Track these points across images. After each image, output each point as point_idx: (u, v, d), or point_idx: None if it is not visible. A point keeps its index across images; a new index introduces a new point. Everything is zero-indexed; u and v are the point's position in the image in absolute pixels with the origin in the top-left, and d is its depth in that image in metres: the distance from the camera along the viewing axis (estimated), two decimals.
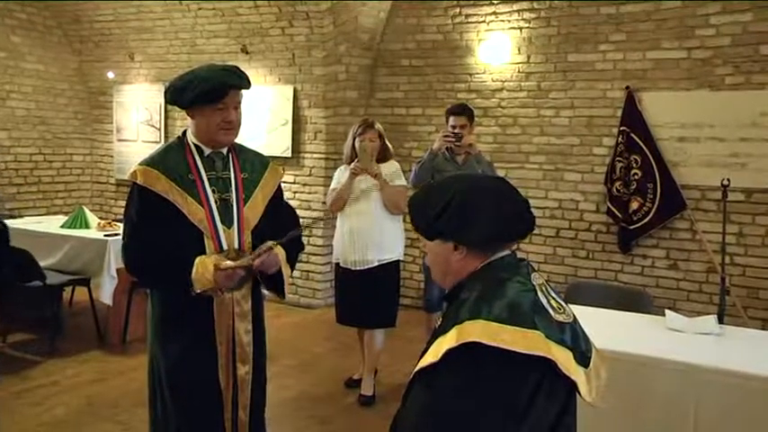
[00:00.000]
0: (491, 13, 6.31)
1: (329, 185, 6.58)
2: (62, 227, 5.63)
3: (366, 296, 4.31)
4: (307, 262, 6.74)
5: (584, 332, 1.57)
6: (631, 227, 5.68)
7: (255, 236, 2.46)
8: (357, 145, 4.30)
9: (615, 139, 5.73)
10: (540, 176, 6.24)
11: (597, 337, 2.85)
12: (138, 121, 7.71)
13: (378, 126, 4.40)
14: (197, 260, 2.31)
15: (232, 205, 2.41)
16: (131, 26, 7.53)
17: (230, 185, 2.44)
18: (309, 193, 6.77)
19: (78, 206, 6.19)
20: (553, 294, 1.57)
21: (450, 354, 1.42)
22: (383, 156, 4.38)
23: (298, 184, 6.83)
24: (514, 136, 6.34)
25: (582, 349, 1.51)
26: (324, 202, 6.61)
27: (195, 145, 2.43)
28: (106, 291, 5.08)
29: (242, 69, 2.44)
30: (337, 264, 4.50)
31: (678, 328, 3.13)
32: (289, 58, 6.68)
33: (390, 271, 4.41)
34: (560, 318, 1.50)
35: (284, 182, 6.73)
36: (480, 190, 1.61)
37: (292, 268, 2.61)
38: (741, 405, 2.55)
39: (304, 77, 6.66)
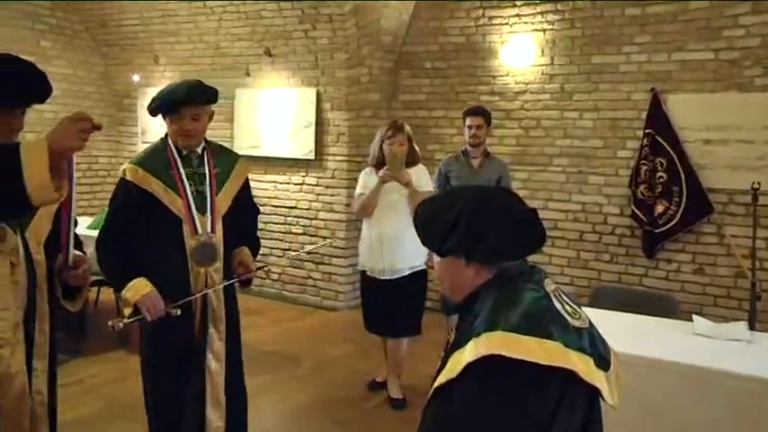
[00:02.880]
0: (514, 15, 6.28)
1: (352, 188, 6.65)
2: (88, 228, 5.68)
3: (393, 305, 4.20)
4: (329, 264, 6.75)
5: (600, 336, 1.54)
6: (656, 231, 5.61)
7: (226, 222, 2.87)
8: (385, 148, 4.19)
9: (640, 142, 5.67)
10: (564, 179, 6.19)
11: (624, 341, 2.82)
12: (162, 123, 7.75)
13: (407, 129, 4.29)
14: (139, 281, 2.70)
15: (206, 196, 2.83)
16: (156, 29, 7.60)
17: (205, 179, 2.85)
18: (332, 195, 6.77)
19: (104, 207, 6.23)
20: (566, 299, 1.54)
21: (469, 368, 1.39)
22: (411, 159, 4.24)
23: (321, 186, 6.84)
24: (538, 138, 6.30)
25: (601, 353, 1.48)
26: (347, 205, 6.64)
27: (174, 146, 2.84)
28: None
29: (205, 85, 2.83)
30: (362, 271, 4.40)
31: (706, 333, 3.09)
32: (312, 61, 6.70)
33: (418, 279, 4.29)
34: (577, 323, 1.47)
35: (308, 184, 6.88)
36: (489, 204, 1.57)
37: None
38: None
39: (327, 80, 6.67)
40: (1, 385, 2.08)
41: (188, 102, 2.74)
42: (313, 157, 6.77)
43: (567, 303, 1.52)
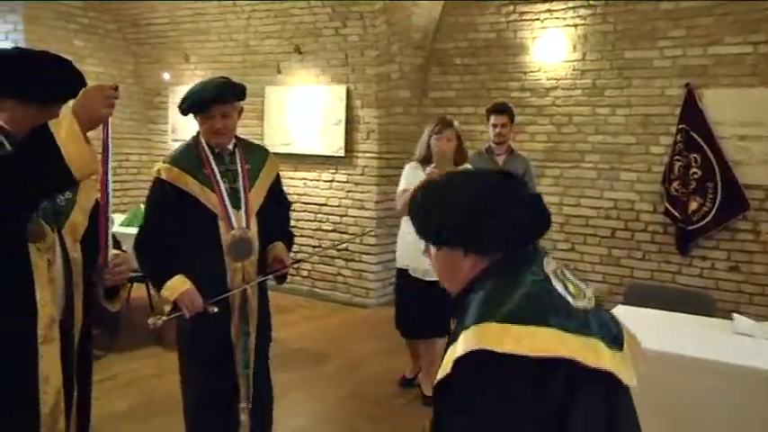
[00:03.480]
0: (545, 11, 6.23)
1: (382, 185, 6.69)
2: (121, 225, 5.74)
3: (435, 307, 4.02)
4: (359, 261, 6.76)
5: (611, 315, 1.44)
6: (690, 228, 5.55)
7: (259, 217, 2.92)
8: (433, 144, 4.09)
9: (673, 138, 5.60)
10: (595, 176, 6.15)
11: (663, 340, 2.80)
12: (193, 120, 7.82)
13: (456, 125, 4.18)
14: (178, 278, 2.75)
15: (239, 192, 2.88)
16: (186, 28, 7.66)
17: (237, 176, 2.90)
18: (362, 192, 6.77)
19: (137, 205, 6.31)
20: (571, 278, 1.42)
21: (459, 364, 1.31)
22: (459, 158, 4.12)
23: (350, 183, 6.85)
24: (569, 135, 6.25)
25: (612, 333, 1.36)
26: (377, 202, 6.65)
27: (206, 144, 2.88)
28: None
29: (233, 83, 2.88)
30: (403, 271, 4.26)
31: (747, 332, 3.04)
32: (342, 58, 6.70)
33: None
34: (581, 304, 1.36)
35: (338, 181, 6.89)
36: (489, 191, 1.48)
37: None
38: None
39: (357, 77, 6.67)
40: (41, 381, 2.11)
41: (217, 100, 2.78)
42: (343, 155, 6.78)
43: (571, 283, 1.40)
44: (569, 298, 1.36)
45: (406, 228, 4.19)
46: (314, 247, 6.97)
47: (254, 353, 2.96)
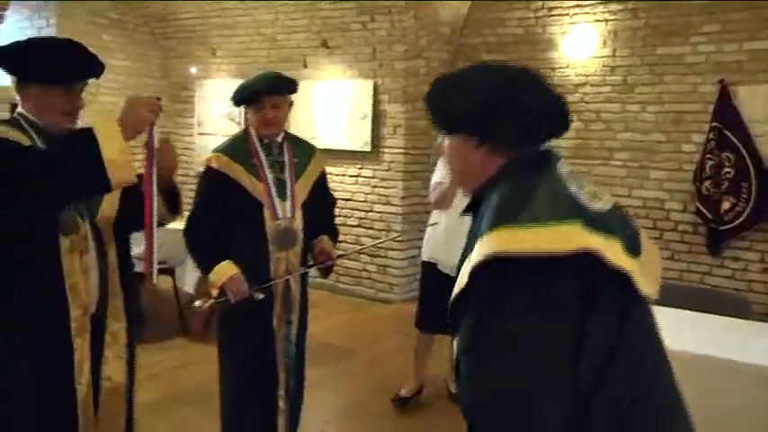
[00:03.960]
0: (575, 6, 6.15)
1: (408, 180, 6.66)
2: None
3: None
4: (384, 257, 6.73)
5: (629, 218, 1.39)
6: (722, 228, 5.44)
7: (304, 209, 2.98)
8: None
9: (705, 136, 5.50)
10: (624, 174, 6.06)
11: (700, 342, 2.74)
12: (219, 115, 7.87)
13: None
14: (225, 264, 2.81)
15: (286, 183, 2.95)
16: (214, 22, 7.68)
17: (284, 167, 2.98)
18: (388, 188, 6.74)
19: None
20: (585, 183, 1.36)
21: (477, 274, 1.26)
22: None
23: (376, 178, 6.83)
24: (598, 132, 6.17)
25: (630, 236, 1.31)
26: (403, 198, 6.62)
27: (256, 135, 2.96)
28: (189, 280, 5.19)
29: (285, 76, 3.01)
30: (430, 264, 4.16)
31: None
32: (369, 53, 6.67)
33: None
34: (598, 205, 1.31)
35: (364, 176, 6.87)
36: (509, 81, 1.42)
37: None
38: None
39: (384, 72, 6.63)
40: (77, 374, 2.13)
41: (269, 91, 2.90)
42: (369, 150, 6.75)
43: (587, 185, 1.35)
44: (587, 199, 1.31)
45: (436, 219, 4.15)
46: (339, 242, 6.92)
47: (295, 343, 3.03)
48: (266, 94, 2.89)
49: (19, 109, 2.16)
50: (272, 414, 2.99)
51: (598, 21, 6.06)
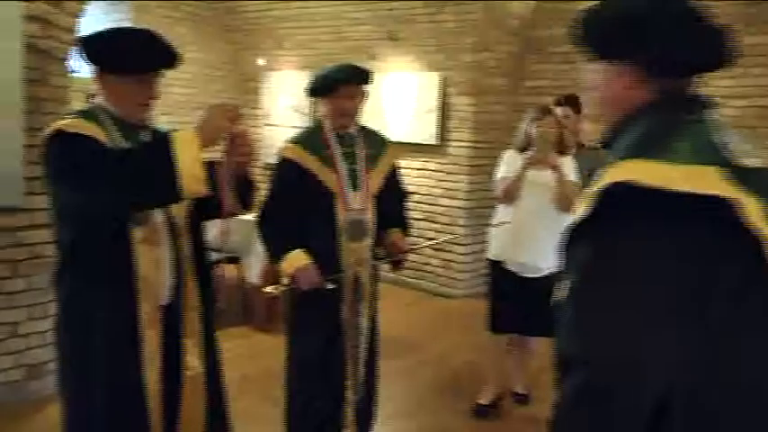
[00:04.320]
0: None
1: (474, 174, 6.58)
2: None
3: (531, 303, 3.77)
4: (449, 251, 6.68)
5: None
6: None
7: (376, 201, 3.00)
8: (533, 131, 3.85)
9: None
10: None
11: None
12: (286, 106, 7.94)
13: (558, 112, 3.95)
14: (297, 252, 2.85)
15: (358, 174, 2.96)
16: (281, 14, 7.75)
17: (357, 159, 2.99)
18: (454, 181, 6.68)
19: None
20: (736, 138, 1.27)
21: (603, 198, 1.18)
22: (561, 147, 3.86)
23: (442, 172, 6.77)
24: None
25: None
26: (468, 191, 6.55)
27: (330, 126, 2.99)
28: (254, 270, 5.25)
29: (361, 67, 3.00)
30: (496, 263, 4.01)
31: None
32: (436, 45, 6.61)
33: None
34: (748, 161, 1.20)
35: (429, 169, 6.82)
36: (672, 5, 1.31)
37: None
38: None
39: (451, 64, 6.56)
40: (147, 363, 2.16)
41: (346, 80, 2.91)
42: (435, 143, 6.70)
43: (740, 141, 1.26)
44: (734, 151, 1.21)
45: (502, 216, 3.96)
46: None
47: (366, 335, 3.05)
48: (343, 83, 2.90)
49: (97, 99, 2.19)
50: (339, 404, 3.00)
51: None
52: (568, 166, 3.84)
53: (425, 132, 6.73)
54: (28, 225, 3.71)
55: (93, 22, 6.94)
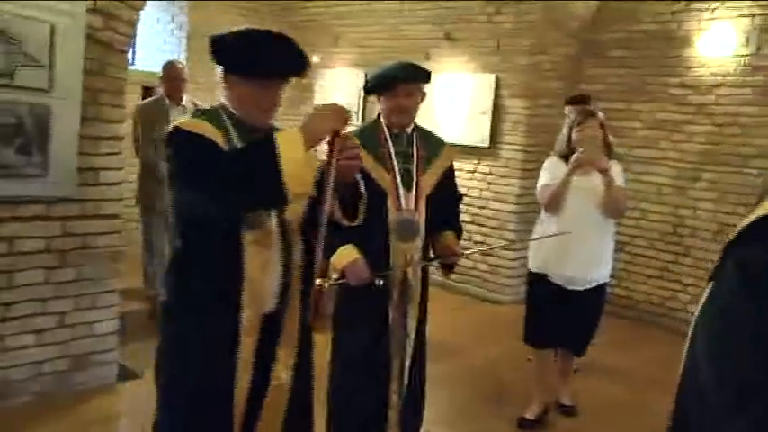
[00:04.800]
0: (717, 0, 5.79)
1: (526, 178, 6.48)
2: None
3: (575, 317, 3.73)
4: (497, 257, 6.60)
5: None
6: None
7: (429, 202, 2.96)
8: (575, 137, 3.72)
9: None
10: (758, 183, 5.64)
11: None
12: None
13: (600, 116, 3.82)
14: (347, 248, 2.79)
15: (412, 174, 2.94)
16: (337, 11, 7.77)
17: (412, 159, 2.96)
18: (505, 185, 6.60)
19: None
20: None
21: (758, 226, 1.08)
22: (607, 151, 3.75)
23: (494, 175, 6.69)
24: (731, 137, 5.78)
25: None
26: (519, 196, 6.46)
27: (386, 125, 2.97)
28: None
29: (419, 66, 2.99)
30: (539, 275, 3.85)
31: None
32: (493, 46, 6.53)
33: (603, 292, 3.89)
34: None
35: (480, 172, 6.75)
36: None
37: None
38: None
39: (507, 66, 6.48)
40: (240, 371, 2.12)
41: (405, 78, 2.89)
42: (487, 145, 6.63)
43: None
44: None
45: (546, 226, 3.81)
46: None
47: (414, 337, 2.99)
48: (402, 81, 2.88)
49: (222, 99, 2.16)
50: (382, 403, 2.96)
51: (742, 16, 5.66)
52: (615, 169, 3.71)
53: (477, 134, 6.66)
54: (78, 215, 3.72)
55: (149, 16, 7.11)
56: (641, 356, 5.26)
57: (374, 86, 2.95)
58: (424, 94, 3.01)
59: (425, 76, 2.97)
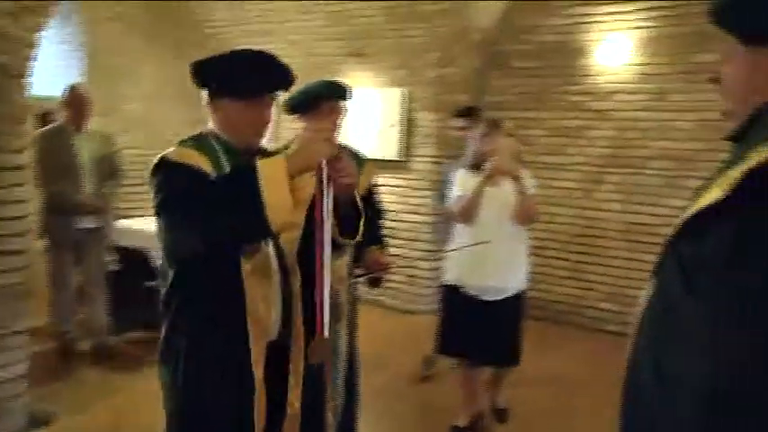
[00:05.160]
0: (611, 13, 6.08)
1: (439, 189, 6.52)
2: None
3: (489, 329, 3.73)
4: (413, 267, 6.64)
5: None
6: None
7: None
8: (485, 148, 3.75)
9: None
10: (660, 183, 5.95)
11: None
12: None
13: (506, 125, 3.89)
14: None
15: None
16: (244, 29, 7.65)
17: None
18: (418, 197, 6.67)
19: None
20: None
21: (744, 182, 1.07)
22: (518, 159, 3.81)
23: (406, 188, 6.75)
24: (632, 140, 6.07)
25: None
26: (432, 207, 6.52)
27: None
28: None
29: (341, 83, 2.95)
30: (453, 287, 3.87)
31: None
32: (401, 61, 6.60)
33: (523, 300, 3.91)
34: None
35: (392, 185, 6.77)
36: None
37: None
38: None
39: (415, 80, 6.56)
40: (256, 404, 2.09)
41: (329, 96, 2.89)
42: (399, 158, 6.68)
43: None
44: None
45: (460, 237, 3.82)
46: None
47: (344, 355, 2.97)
48: (326, 99, 2.86)
49: (209, 125, 2.13)
50: (320, 427, 2.88)
51: (634, 28, 5.95)
52: (526, 177, 3.77)
53: (389, 148, 6.71)
54: None
55: (45, 37, 6.78)
56: (563, 356, 5.42)
57: (298, 105, 2.90)
58: (347, 110, 3.01)
59: (347, 93, 2.98)
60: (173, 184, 1.93)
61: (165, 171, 1.97)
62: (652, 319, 1.26)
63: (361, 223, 2.28)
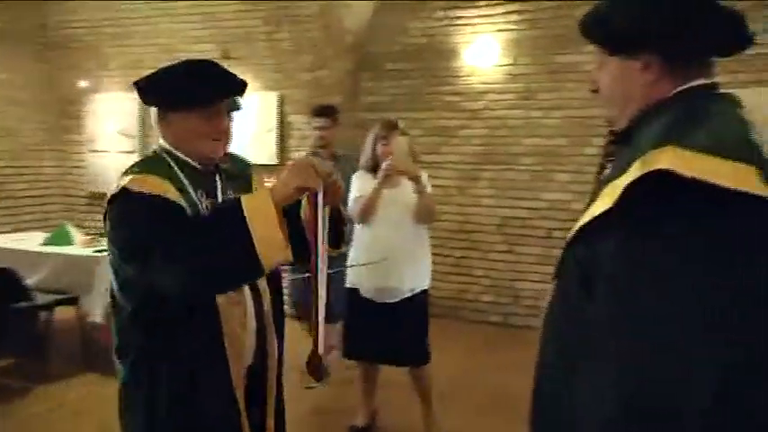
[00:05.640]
0: (477, 16, 6.29)
1: None
2: (44, 244, 5.39)
3: (386, 330, 3.70)
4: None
5: None
6: None
7: None
8: (381, 149, 3.73)
9: (605, 139, 5.71)
10: (529, 178, 6.23)
11: None
12: (113, 131, 7.47)
13: (402, 126, 3.83)
14: None
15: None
16: (107, 32, 7.32)
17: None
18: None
19: (61, 222, 5.95)
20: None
21: (630, 191, 1.10)
22: (415, 159, 3.82)
23: None
24: (503, 138, 6.31)
25: None
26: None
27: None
28: (98, 309, 4.86)
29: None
30: (351, 289, 3.85)
31: None
32: (274, 64, 6.54)
33: (425, 299, 3.88)
34: None
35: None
36: None
37: None
38: None
39: (289, 83, 6.52)
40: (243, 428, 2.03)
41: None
42: (275, 162, 6.61)
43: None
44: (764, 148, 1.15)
45: (358, 239, 3.82)
46: None
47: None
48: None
49: (161, 142, 2.01)
50: None
51: (500, 30, 6.20)
52: (423, 176, 3.76)
53: (265, 152, 6.61)
54: None
55: None
56: (458, 352, 5.54)
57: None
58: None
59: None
60: (137, 217, 1.80)
61: (128, 203, 1.83)
62: (556, 322, 1.31)
63: (346, 231, 2.21)
